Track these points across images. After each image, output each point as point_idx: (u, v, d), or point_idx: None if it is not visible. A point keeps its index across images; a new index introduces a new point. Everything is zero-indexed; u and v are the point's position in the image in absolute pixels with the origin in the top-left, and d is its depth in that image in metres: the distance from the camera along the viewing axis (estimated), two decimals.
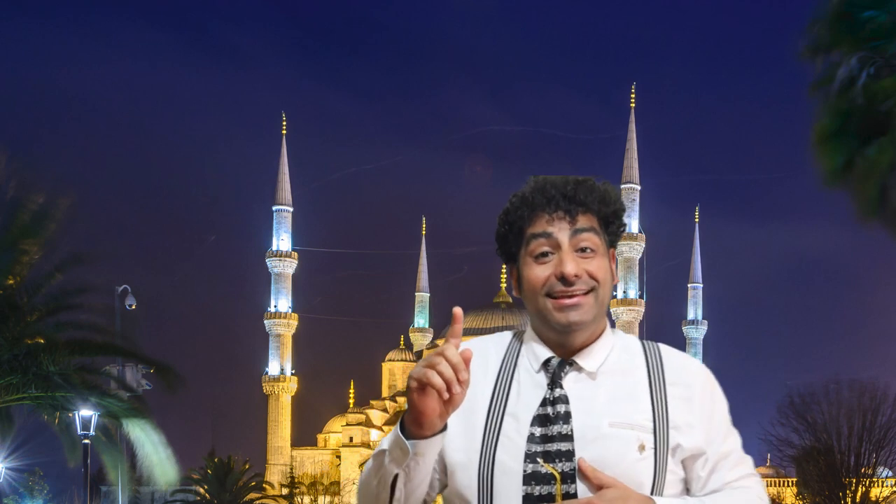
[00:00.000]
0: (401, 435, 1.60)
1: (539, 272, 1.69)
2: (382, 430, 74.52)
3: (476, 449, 1.69)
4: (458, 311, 1.62)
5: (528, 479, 1.65)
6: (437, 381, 1.53)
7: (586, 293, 1.68)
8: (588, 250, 1.69)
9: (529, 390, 1.72)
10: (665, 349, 1.79)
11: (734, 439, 1.77)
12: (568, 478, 1.64)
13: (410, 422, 1.59)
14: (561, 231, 1.68)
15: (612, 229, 1.74)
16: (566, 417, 1.67)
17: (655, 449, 1.67)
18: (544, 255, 1.69)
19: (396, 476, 1.64)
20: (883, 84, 11.17)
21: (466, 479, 1.70)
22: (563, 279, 1.66)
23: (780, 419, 33.91)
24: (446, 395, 1.54)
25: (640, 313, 72.68)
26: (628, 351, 1.77)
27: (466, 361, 1.55)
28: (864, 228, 12.57)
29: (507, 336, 1.83)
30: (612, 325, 1.95)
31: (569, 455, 1.64)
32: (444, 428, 1.61)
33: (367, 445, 72.36)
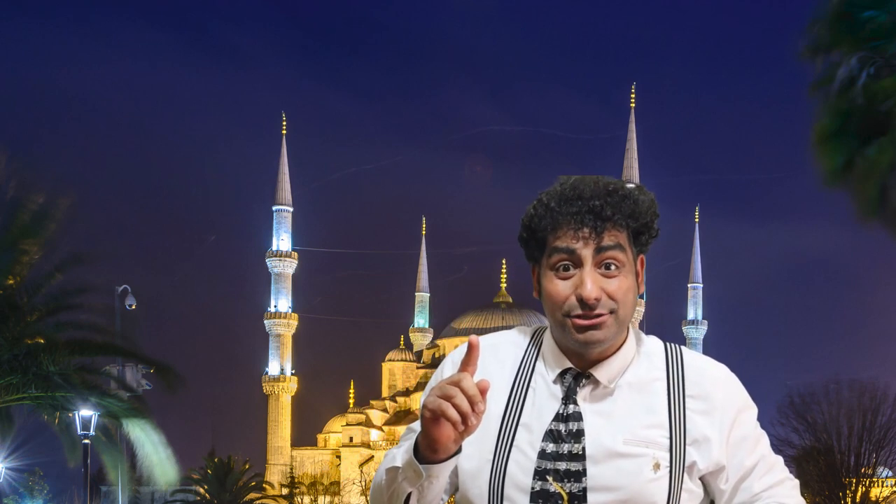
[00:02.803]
0: (414, 458, 1.56)
1: (560, 288, 1.62)
2: (382, 430, 74.50)
3: (488, 458, 1.66)
4: (474, 339, 1.56)
5: (536, 496, 1.62)
6: (453, 413, 1.48)
7: (606, 314, 1.61)
8: (612, 267, 1.61)
9: (545, 400, 1.67)
10: (688, 355, 1.73)
11: (761, 447, 1.70)
12: (576, 499, 1.61)
13: (424, 447, 1.55)
14: (585, 248, 1.60)
15: (642, 240, 1.66)
16: (577, 436, 1.63)
17: (671, 468, 1.62)
18: (566, 269, 1.61)
19: (410, 493, 1.61)
20: (883, 84, 11.17)
21: (476, 488, 1.67)
22: (583, 302, 1.60)
23: (780, 419, 33.88)
24: (462, 428, 1.49)
25: (641, 313, 72.66)
26: (650, 360, 1.70)
27: (483, 392, 1.49)
28: (864, 228, 12.58)
29: (527, 334, 1.78)
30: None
31: (578, 476, 1.61)
32: (459, 450, 1.57)
33: (367, 445, 72.33)
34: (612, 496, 1.61)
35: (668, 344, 1.75)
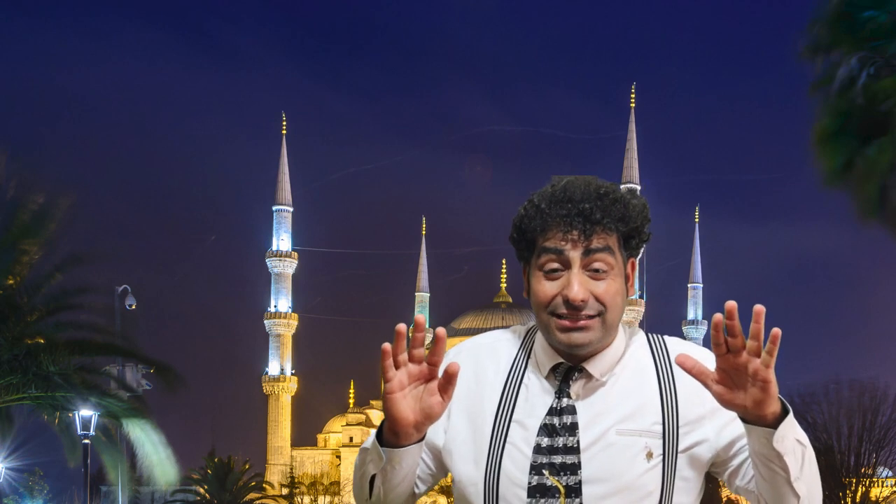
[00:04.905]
0: (377, 442, 1.61)
1: (547, 288, 1.63)
2: None
3: (482, 456, 1.68)
4: (441, 331, 1.57)
5: (533, 491, 1.63)
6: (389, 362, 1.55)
7: (592, 317, 1.62)
8: (601, 270, 1.61)
9: (537, 396, 1.69)
10: (671, 342, 1.75)
11: None
12: (572, 492, 1.62)
13: (387, 429, 1.59)
14: (573, 249, 1.61)
15: (632, 244, 1.67)
16: (572, 429, 1.64)
17: (664, 455, 1.64)
18: (554, 270, 1.62)
19: (374, 475, 1.65)
20: (883, 84, 11.18)
21: (472, 486, 1.69)
22: (569, 303, 1.61)
23: None
24: (401, 359, 1.55)
25: (640, 313, 72.67)
26: (639, 352, 1.72)
27: (451, 377, 1.54)
28: (864, 228, 12.58)
29: (520, 332, 1.79)
30: None
31: (573, 468, 1.62)
32: (421, 439, 1.61)
33: None
34: (606, 487, 1.62)
35: (650, 334, 1.76)
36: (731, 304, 1.45)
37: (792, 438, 1.53)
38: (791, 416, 1.53)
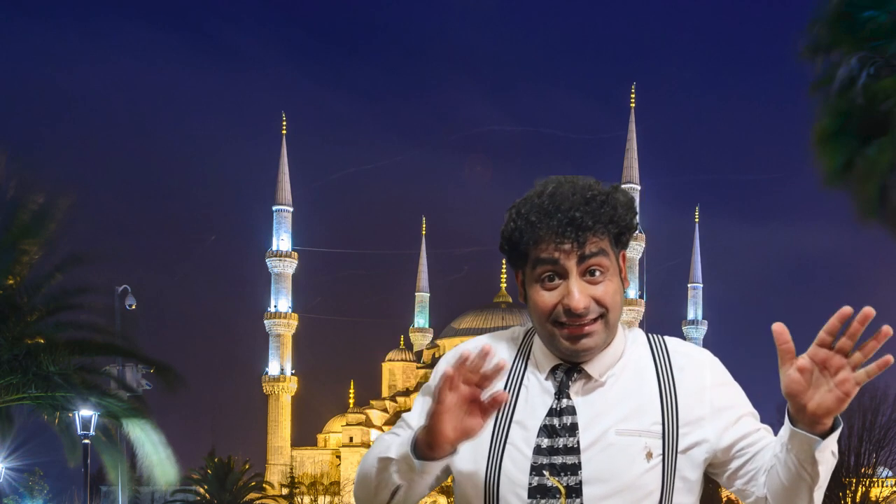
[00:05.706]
0: (411, 454, 1.60)
1: (546, 299, 1.63)
2: (382, 429, 74.40)
3: (483, 457, 1.68)
4: (487, 346, 1.55)
5: (534, 491, 1.64)
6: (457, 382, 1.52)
7: (595, 320, 1.63)
8: (597, 273, 1.63)
9: (537, 397, 1.69)
10: (671, 343, 1.75)
11: (754, 421, 1.72)
12: (573, 492, 1.62)
13: (424, 444, 1.59)
14: (568, 259, 1.61)
15: (623, 240, 1.67)
16: (572, 430, 1.64)
17: (664, 455, 1.65)
18: (551, 279, 1.63)
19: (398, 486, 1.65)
20: (883, 84, 11.17)
21: (473, 487, 1.69)
22: (570, 311, 1.61)
23: (779, 419, 33.69)
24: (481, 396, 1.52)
25: (640, 313, 72.66)
26: (638, 352, 1.73)
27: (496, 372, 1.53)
28: (864, 228, 12.57)
29: (518, 334, 1.79)
30: None
31: (574, 469, 1.63)
32: (455, 451, 1.60)
33: (367, 445, 72.20)
34: (607, 487, 1.63)
35: (650, 335, 1.77)
36: (870, 311, 1.48)
37: (830, 450, 1.56)
38: (840, 429, 1.55)
